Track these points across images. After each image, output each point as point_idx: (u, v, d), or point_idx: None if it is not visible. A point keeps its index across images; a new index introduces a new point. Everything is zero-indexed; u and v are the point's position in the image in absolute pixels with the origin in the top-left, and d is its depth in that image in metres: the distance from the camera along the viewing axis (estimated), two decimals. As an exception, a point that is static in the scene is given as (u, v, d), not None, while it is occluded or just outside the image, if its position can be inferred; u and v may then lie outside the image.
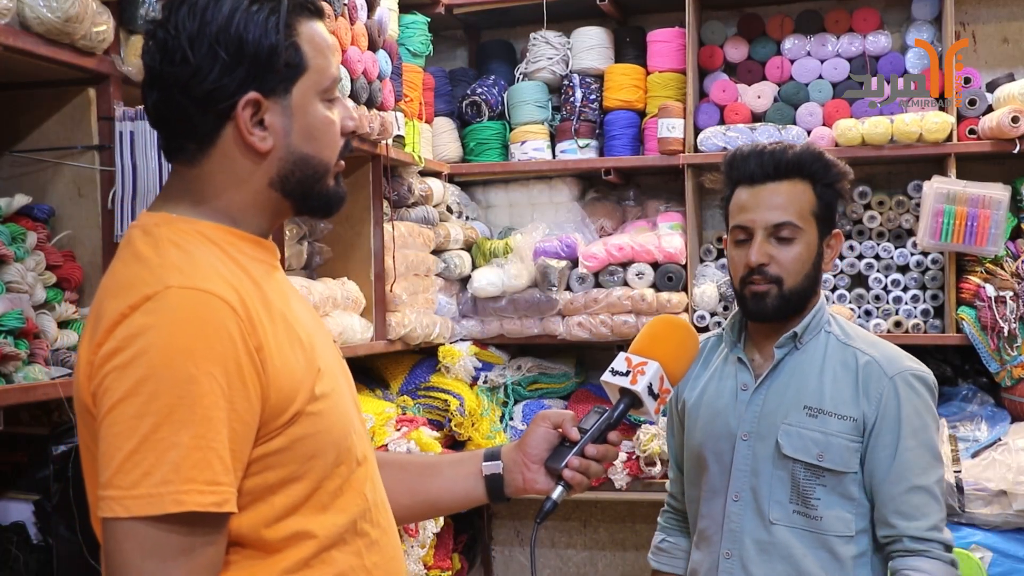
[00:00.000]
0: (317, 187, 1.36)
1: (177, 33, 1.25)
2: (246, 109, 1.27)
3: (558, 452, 1.57)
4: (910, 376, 2.01)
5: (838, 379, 2.00)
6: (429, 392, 3.71)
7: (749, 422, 2.03)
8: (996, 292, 3.47)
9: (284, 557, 1.26)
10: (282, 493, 1.25)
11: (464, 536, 4.03)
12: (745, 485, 2.01)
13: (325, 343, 1.41)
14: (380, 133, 3.13)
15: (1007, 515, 3.27)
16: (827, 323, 2.07)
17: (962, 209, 3.50)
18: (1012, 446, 3.34)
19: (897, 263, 3.77)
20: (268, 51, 1.26)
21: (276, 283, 1.35)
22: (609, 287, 3.85)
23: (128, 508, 1.13)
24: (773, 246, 1.99)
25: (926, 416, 1.99)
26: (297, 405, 1.25)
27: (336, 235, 3.26)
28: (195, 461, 1.14)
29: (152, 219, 1.30)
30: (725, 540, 2.02)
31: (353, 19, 2.99)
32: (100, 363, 1.17)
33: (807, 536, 1.97)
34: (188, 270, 1.21)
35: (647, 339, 1.64)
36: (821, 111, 3.80)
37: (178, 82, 1.25)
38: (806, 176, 2.01)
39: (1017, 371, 3.51)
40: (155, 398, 1.13)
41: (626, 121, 4.00)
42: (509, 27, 4.36)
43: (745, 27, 3.99)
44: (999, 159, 3.69)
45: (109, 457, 1.14)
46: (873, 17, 3.85)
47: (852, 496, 1.97)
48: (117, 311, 1.18)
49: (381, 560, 1.36)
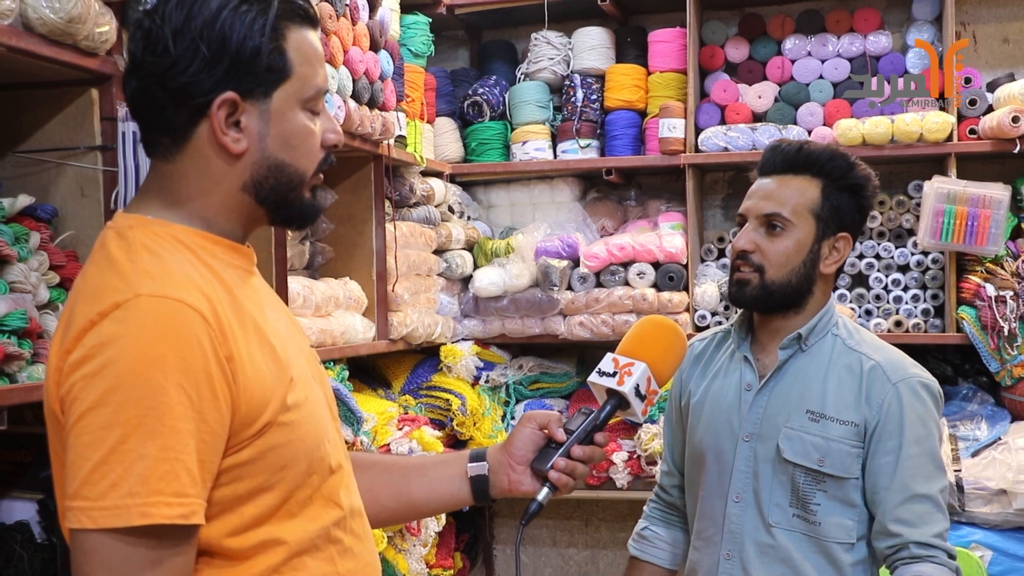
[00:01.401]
0: (291, 196, 1.32)
1: (162, 23, 1.23)
2: (221, 108, 1.24)
3: (544, 453, 1.55)
4: (916, 383, 1.98)
5: (842, 383, 1.98)
6: (431, 391, 3.71)
7: (752, 423, 2.01)
8: (996, 292, 3.47)
9: (254, 564, 1.23)
10: (251, 503, 1.23)
11: (466, 535, 4.03)
12: (747, 487, 2.00)
13: (300, 350, 1.38)
14: (382, 133, 3.13)
15: (1007, 514, 3.27)
16: (835, 326, 2.05)
17: (962, 209, 3.50)
18: (1012, 445, 3.34)
19: (898, 263, 3.77)
20: (250, 52, 1.24)
21: (251, 289, 1.32)
22: (610, 287, 3.85)
23: (95, 520, 1.11)
24: (762, 236, 1.99)
25: (930, 424, 1.96)
26: (268, 415, 1.22)
27: (338, 235, 3.26)
28: (162, 473, 1.12)
29: (127, 221, 1.28)
30: (726, 541, 2.01)
31: (355, 19, 2.99)
32: (69, 371, 1.15)
33: (806, 541, 1.95)
34: (160, 277, 1.19)
35: (634, 340, 1.63)
36: (822, 111, 3.81)
37: (156, 72, 1.23)
38: (816, 173, 2.00)
39: (1017, 370, 3.50)
40: (123, 409, 1.11)
41: (627, 121, 4.01)
42: (510, 27, 4.36)
43: (746, 27, 3.99)
44: (999, 159, 3.69)
45: (77, 467, 1.12)
46: (874, 17, 3.85)
47: (853, 503, 1.95)
48: (87, 317, 1.16)
49: (356, 567, 1.34)
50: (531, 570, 4.38)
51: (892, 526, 1.90)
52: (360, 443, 2.90)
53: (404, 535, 3.14)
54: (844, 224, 2.02)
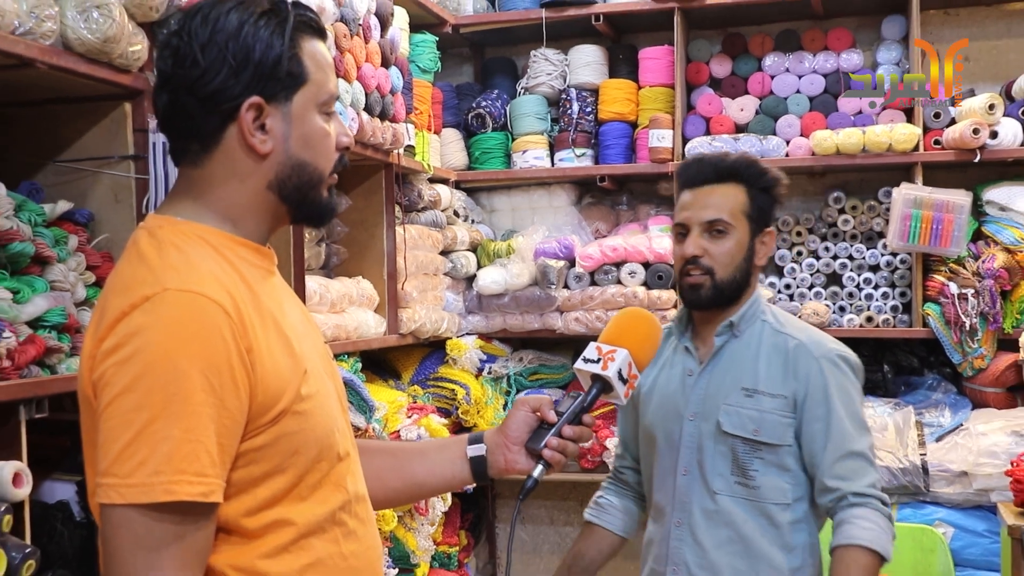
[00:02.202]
0: (311, 194, 1.33)
1: (190, 39, 1.24)
2: (249, 111, 1.26)
3: (537, 434, 1.56)
4: (836, 356, 2.05)
5: (771, 362, 2.05)
6: (438, 382, 3.72)
7: (695, 404, 2.08)
8: (959, 289, 3.48)
9: (264, 542, 1.24)
10: (265, 485, 1.23)
11: (470, 514, 4.04)
12: (692, 460, 2.07)
13: (314, 347, 1.38)
14: (392, 143, 3.14)
15: (967, 494, 3.28)
16: (763, 313, 2.11)
17: (928, 213, 3.51)
18: (973, 431, 3.35)
19: (869, 263, 3.78)
20: (272, 60, 1.26)
21: (270, 288, 1.33)
22: (604, 285, 3.86)
23: (123, 495, 1.12)
24: (707, 240, 2.05)
25: (852, 391, 2.04)
26: (283, 404, 1.23)
27: (352, 237, 3.27)
28: (185, 454, 1.13)
29: (158, 222, 1.29)
30: (676, 511, 2.08)
31: (367, 38, 3.00)
32: (101, 358, 1.16)
33: (747, 504, 2.02)
34: (186, 273, 1.20)
35: (615, 329, 1.65)
36: (799, 123, 3.81)
37: (187, 83, 1.24)
38: (740, 180, 2.07)
39: (977, 362, 3.52)
40: (150, 393, 1.13)
41: (619, 132, 4.01)
42: (511, 45, 4.37)
43: (729, 45, 4.00)
44: (962, 167, 3.70)
45: (107, 447, 1.14)
46: (846, 37, 3.86)
47: (788, 467, 2.02)
48: (119, 309, 1.17)
49: (359, 549, 1.34)
50: (531, 546, 4.39)
51: (831, 482, 1.98)
52: (372, 430, 2.90)
53: (413, 515, 3.15)
54: (767, 221, 2.11)
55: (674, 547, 2.07)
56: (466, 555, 3.88)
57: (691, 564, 2.04)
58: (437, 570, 3.50)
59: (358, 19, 2.91)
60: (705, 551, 2.03)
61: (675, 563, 2.06)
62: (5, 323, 1.72)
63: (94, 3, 1.88)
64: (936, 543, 3.23)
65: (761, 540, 2.01)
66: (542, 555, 4.37)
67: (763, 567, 2.01)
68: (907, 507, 3.36)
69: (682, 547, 2.06)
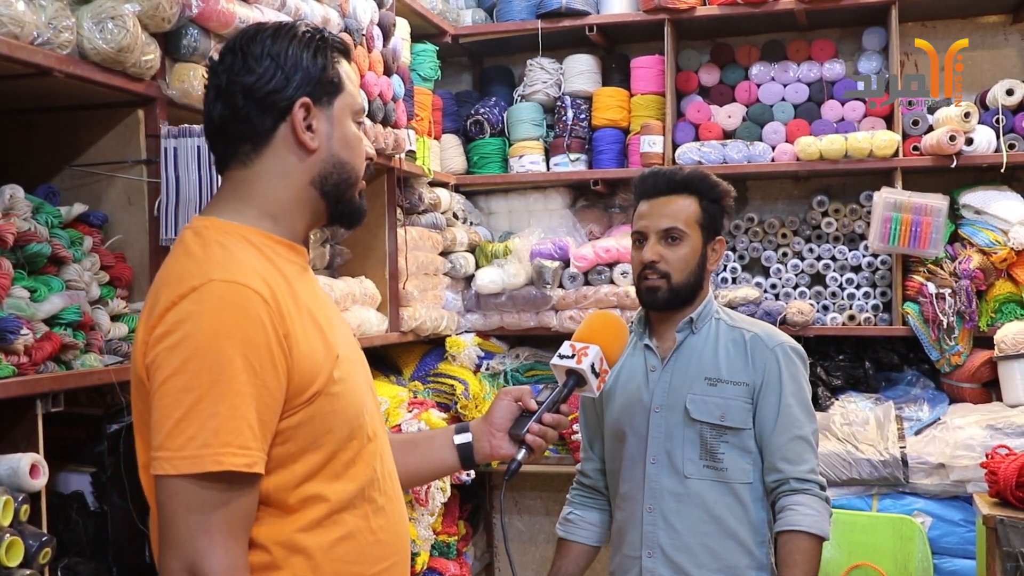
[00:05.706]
0: (348, 194, 1.42)
1: (245, 55, 1.34)
2: (300, 109, 1.34)
3: (519, 421, 1.63)
4: (787, 348, 2.15)
5: (731, 353, 2.13)
6: (437, 378, 3.72)
7: (660, 396, 2.14)
8: (937, 289, 3.49)
9: (301, 516, 1.30)
10: (301, 461, 1.29)
11: (469, 505, 4.04)
12: (660, 449, 2.12)
13: (345, 336, 1.45)
14: (394, 148, 3.15)
15: (945, 485, 3.29)
16: (716, 312, 2.20)
17: (907, 216, 3.52)
18: (950, 424, 3.36)
19: (851, 264, 3.79)
20: (318, 68, 1.36)
21: (305, 282, 1.39)
22: (597, 285, 3.86)
23: (176, 467, 1.19)
24: (663, 247, 2.13)
25: (801, 379, 2.14)
26: (317, 386, 1.29)
27: (355, 238, 3.27)
28: (231, 428, 1.19)
29: (203, 222, 1.35)
30: (647, 497, 2.12)
31: (371, 48, 3.01)
32: (154, 343, 1.23)
33: (716, 485, 2.09)
34: (229, 266, 1.26)
35: (587, 329, 1.75)
36: (784, 129, 3.82)
37: (243, 89, 1.33)
38: (693, 192, 2.15)
39: (954, 359, 3.53)
40: (198, 375, 1.19)
41: (612, 138, 4.02)
42: (509, 54, 4.37)
43: (717, 55, 4.01)
44: (939, 172, 3.71)
45: (160, 424, 1.20)
46: (829, 47, 3.87)
47: (749, 449, 2.10)
48: (169, 299, 1.23)
49: (386, 524, 1.40)
50: (527, 536, 4.40)
51: (779, 463, 2.07)
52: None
53: (414, 505, 3.16)
54: (718, 229, 2.19)
55: (648, 532, 2.11)
56: (465, 544, 3.89)
57: (666, 547, 2.09)
58: (437, 558, 3.51)
59: (362, 29, 2.92)
60: (679, 533, 2.08)
61: (650, 547, 2.11)
62: (23, 320, 1.73)
63: (109, 14, 1.89)
64: (915, 532, 3.24)
65: (731, 518, 2.08)
66: (538, 544, 4.38)
67: (732, 544, 2.08)
68: (887, 498, 3.37)
69: (656, 531, 2.10)
